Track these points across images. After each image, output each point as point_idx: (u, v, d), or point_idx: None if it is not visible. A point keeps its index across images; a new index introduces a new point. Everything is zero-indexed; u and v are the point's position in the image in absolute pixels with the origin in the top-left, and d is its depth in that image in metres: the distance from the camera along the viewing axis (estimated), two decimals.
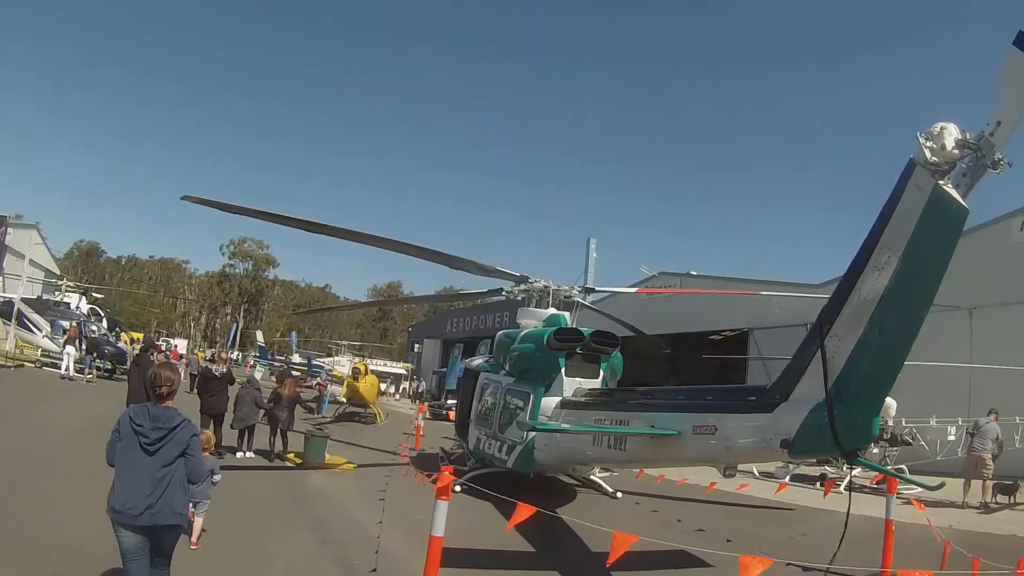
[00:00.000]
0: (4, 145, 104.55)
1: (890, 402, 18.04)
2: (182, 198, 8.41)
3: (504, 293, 12.86)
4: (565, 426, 9.40)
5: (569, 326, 11.66)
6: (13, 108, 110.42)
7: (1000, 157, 4.80)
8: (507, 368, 11.66)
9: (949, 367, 16.52)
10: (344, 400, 24.91)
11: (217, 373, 13.59)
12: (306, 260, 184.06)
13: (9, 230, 40.83)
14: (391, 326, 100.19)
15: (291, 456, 13.48)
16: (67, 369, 24.44)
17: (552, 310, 12.16)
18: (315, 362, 40.25)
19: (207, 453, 6.74)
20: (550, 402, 10.45)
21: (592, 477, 12.36)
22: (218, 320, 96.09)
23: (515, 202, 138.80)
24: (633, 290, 17.98)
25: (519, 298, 12.81)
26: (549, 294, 12.30)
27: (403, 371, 49.82)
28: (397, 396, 45.30)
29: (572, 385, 10.69)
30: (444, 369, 41.04)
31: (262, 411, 13.84)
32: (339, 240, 11.62)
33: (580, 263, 13.54)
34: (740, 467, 12.75)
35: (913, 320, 5.59)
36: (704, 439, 7.17)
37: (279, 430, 13.75)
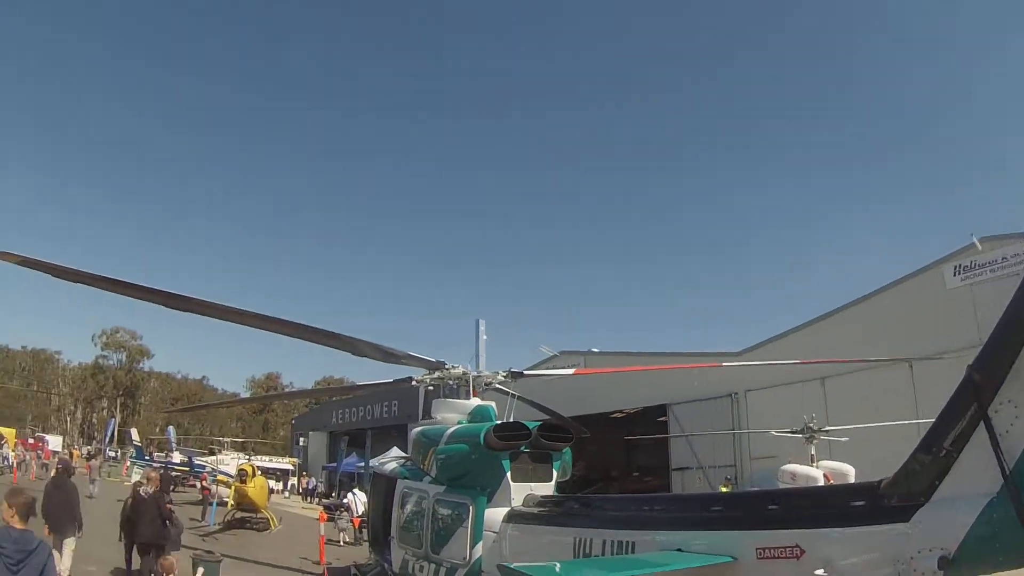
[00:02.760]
0: None
1: (847, 468, 17.47)
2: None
3: (414, 382, 10.92)
4: (557, 565, 6.89)
5: (504, 419, 9.75)
6: None
7: None
8: (433, 474, 9.72)
9: (896, 425, 16.22)
10: (232, 504, 22.41)
11: (144, 494, 11.37)
12: (181, 351, 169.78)
13: None
14: (272, 418, 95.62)
15: None
16: None
17: (477, 400, 10.43)
18: (197, 461, 37.76)
19: None
20: (495, 515, 8.53)
21: None
22: (94, 414, 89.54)
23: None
24: (570, 371, 14.94)
25: (430, 387, 10.95)
26: (468, 382, 10.46)
27: (290, 466, 47.66)
28: (286, 494, 43.18)
29: (521, 491, 8.79)
30: (334, 464, 38.96)
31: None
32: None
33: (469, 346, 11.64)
34: None
35: None
36: (782, 566, 5.24)
37: (147, 549, 11.02)
